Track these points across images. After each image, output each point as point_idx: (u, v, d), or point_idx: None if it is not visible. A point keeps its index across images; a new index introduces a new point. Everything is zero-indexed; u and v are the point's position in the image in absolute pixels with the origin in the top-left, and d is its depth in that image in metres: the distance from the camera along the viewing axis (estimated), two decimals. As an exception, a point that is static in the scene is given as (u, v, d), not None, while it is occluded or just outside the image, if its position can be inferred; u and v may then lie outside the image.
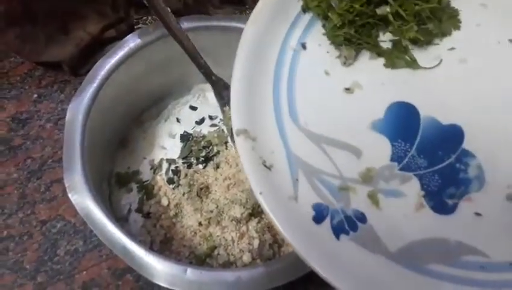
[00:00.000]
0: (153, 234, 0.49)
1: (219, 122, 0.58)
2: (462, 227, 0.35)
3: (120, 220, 0.50)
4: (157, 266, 0.40)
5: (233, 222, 0.48)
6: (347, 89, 0.40)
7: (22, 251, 0.54)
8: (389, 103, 0.39)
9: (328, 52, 0.42)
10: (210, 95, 0.61)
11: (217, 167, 0.53)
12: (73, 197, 0.43)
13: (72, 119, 0.47)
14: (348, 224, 0.35)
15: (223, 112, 0.51)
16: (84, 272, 0.52)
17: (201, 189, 0.50)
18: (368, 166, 0.37)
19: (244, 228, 0.48)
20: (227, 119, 0.52)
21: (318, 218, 0.34)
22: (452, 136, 0.38)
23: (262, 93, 0.39)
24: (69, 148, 0.45)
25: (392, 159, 0.37)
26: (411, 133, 0.38)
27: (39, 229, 0.55)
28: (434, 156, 0.37)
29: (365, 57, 0.42)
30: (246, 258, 0.47)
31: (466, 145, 0.37)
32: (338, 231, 0.34)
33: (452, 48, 0.41)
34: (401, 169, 0.37)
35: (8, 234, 0.55)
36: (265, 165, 0.36)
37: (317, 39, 0.42)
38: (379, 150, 0.38)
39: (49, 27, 0.59)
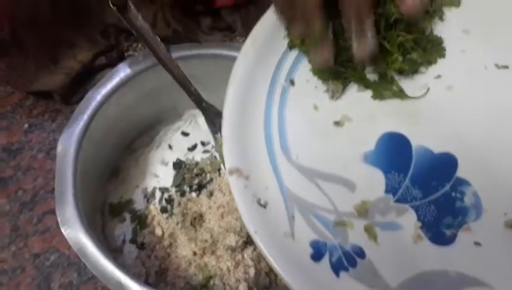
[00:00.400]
0: (147, 265, 0.48)
1: (211, 149, 0.58)
2: (462, 258, 0.34)
3: (114, 252, 0.50)
4: (152, 301, 0.39)
5: (228, 250, 0.48)
6: (336, 123, 0.40)
7: (14, 285, 0.53)
8: (379, 134, 0.39)
9: (316, 86, 0.41)
10: (202, 120, 0.61)
11: (211, 194, 0.52)
12: (66, 231, 0.43)
13: (63, 151, 0.46)
14: (347, 260, 0.34)
15: (215, 138, 0.51)
16: (79, 305, 0.52)
17: (195, 218, 0.50)
18: (362, 199, 0.37)
19: (239, 257, 0.48)
20: (219, 146, 0.52)
21: (316, 255, 0.34)
22: (445, 164, 0.37)
23: (253, 129, 0.39)
24: (61, 181, 0.45)
25: (386, 191, 0.37)
26: (404, 164, 0.38)
27: (32, 263, 0.54)
28: (428, 186, 0.37)
29: (353, 89, 0.41)
30: (243, 288, 0.46)
31: (460, 173, 0.37)
32: (337, 268, 0.34)
33: (439, 76, 0.41)
34: (396, 201, 0.37)
35: (1, 269, 0.54)
36: (259, 204, 0.35)
37: (305, 75, 0.42)
38: (373, 183, 0.37)
39: (39, 56, 0.59)
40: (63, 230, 0.43)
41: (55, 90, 0.63)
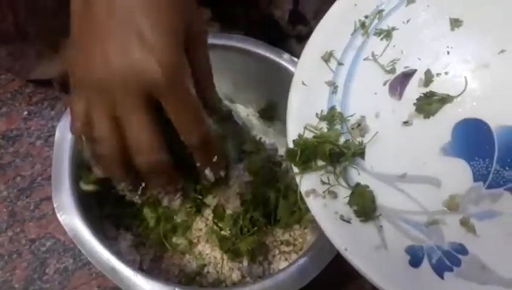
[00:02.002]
0: (142, 253, 0.49)
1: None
2: None
3: (109, 239, 0.50)
4: (145, 287, 0.40)
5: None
6: (405, 122, 0.38)
7: (10, 269, 0.54)
8: (453, 123, 0.37)
9: (375, 93, 0.40)
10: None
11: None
12: (62, 217, 0.43)
13: (61, 138, 0.47)
14: (449, 259, 0.32)
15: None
16: (74, 291, 0.52)
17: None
18: (451, 193, 0.35)
19: (233, 246, 0.48)
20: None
21: (415, 261, 0.32)
22: None
23: None
24: (58, 168, 0.45)
25: (475, 180, 0.35)
26: (487, 148, 0.35)
27: (28, 248, 0.55)
28: None
29: (414, 85, 0.40)
30: (236, 276, 0.47)
31: None
32: (440, 269, 0.32)
33: (502, 51, 0.38)
34: (488, 187, 0.34)
35: (-3, 253, 0.55)
36: (343, 220, 0.34)
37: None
38: (458, 174, 0.35)
39: (40, 45, 0.59)
40: (58, 216, 0.43)
41: (55, 78, 0.64)
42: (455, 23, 0.40)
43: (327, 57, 0.41)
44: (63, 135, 0.47)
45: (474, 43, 0.39)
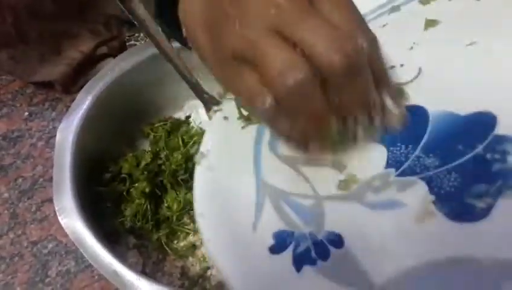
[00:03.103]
0: (145, 256, 0.49)
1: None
2: (500, 237, 0.25)
3: (112, 241, 0.50)
4: (148, 291, 0.39)
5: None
6: None
7: (12, 272, 0.53)
8: None
9: None
10: (203, 111, 0.60)
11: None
12: (63, 220, 0.43)
13: (62, 140, 0.47)
14: (317, 251, 0.28)
15: (215, 130, 0.51)
16: (76, 294, 0.52)
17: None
18: (351, 178, 0.31)
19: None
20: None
21: (278, 247, 0.29)
22: (477, 124, 0.30)
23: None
24: (59, 170, 0.45)
25: (387, 166, 0.31)
26: (416, 134, 0.31)
27: (30, 250, 0.55)
28: (449, 151, 0.30)
29: None
30: (239, 279, 0.46)
31: (500, 130, 0.29)
32: (300, 261, 0.28)
33: (472, 43, 0.35)
34: (400, 175, 0.30)
35: (-1, 256, 0.54)
36: (220, 187, 0.33)
37: None
38: (370, 160, 0.32)
39: (41, 48, 0.59)
40: (60, 219, 0.43)
41: (56, 80, 0.63)
42: (431, 23, 0.38)
43: None
44: (64, 137, 0.47)
45: (443, 38, 0.36)
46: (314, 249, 0.28)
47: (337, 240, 0.29)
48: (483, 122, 0.30)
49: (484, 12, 0.37)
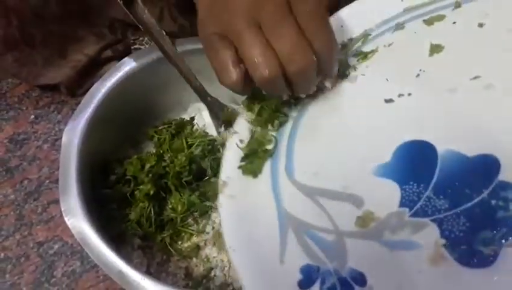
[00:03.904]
0: (149, 256, 0.49)
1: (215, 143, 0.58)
2: (505, 284, 0.26)
3: (117, 242, 0.50)
4: (153, 290, 0.40)
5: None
6: (344, 136, 0.37)
7: (19, 273, 0.54)
8: (397, 144, 0.34)
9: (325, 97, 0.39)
10: (206, 114, 0.61)
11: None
12: (69, 221, 0.43)
13: (68, 142, 0.47)
14: (342, 288, 0.29)
15: (218, 132, 0.52)
16: (81, 294, 0.52)
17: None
18: (368, 214, 0.32)
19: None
20: (222, 140, 0.52)
21: (305, 283, 0.30)
22: (482, 168, 0.31)
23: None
24: (65, 172, 0.46)
25: (401, 205, 0.31)
26: (426, 172, 0.32)
27: (36, 251, 0.55)
28: (458, 194, 0.30)
29: (365, 97, 0.38)
30: (243, 279, 0.47)
31: (504, 175, 0.30)
32: None
33: (476, 77, 0.35)
34: (413, 215, 0.31)
35: (5, 256, 0.55)
36: (246, 219, 0.33)
37: None
38: (385, 197, 0.32)
39: (47, 51, 0.60)
40: (66, 220, 0.44)
41: (62, 83, 0.64)
42: (435, 48, 0.39)
43: None
44: (70, 139, 0.47)
45: (448, 68, 0.37)
46: (340, 287, 0.29)
47: (360, 279, 0.29)
48: (488, 165, 0.31)
49: (487, 40, 0.37)
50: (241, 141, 0.39)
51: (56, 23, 0.57)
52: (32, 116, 0.65)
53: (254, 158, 0.37)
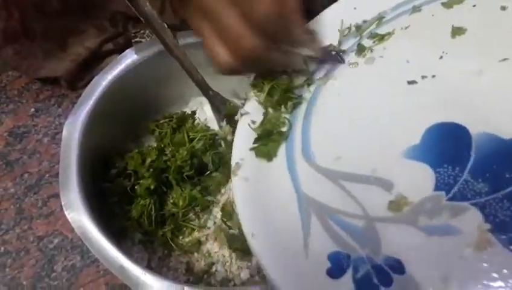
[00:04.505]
0: (150, 251, 0.49)
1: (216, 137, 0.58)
2: None
3: (118, 235, 0.50)
4: (154, 285, 0.39)
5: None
6: (370, 119, 0.35)
7: (18, 267, 0.54)
8: (425, 126, 0.33)
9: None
10: (208, 107, 0.60)
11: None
12: (70, 215, 0.43)
13: (68, 136, 0.47)
14: (378, 277, 0.27)
15: (220, 127, 0.51)
16: (82, 289, 0.52)
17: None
18: (401, 197, 0.30)
19: (242, 244, 0.48)
20: (224, 134, 0.52)
21: (335, 271, 0.28)
22: None
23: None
24: (66, 166, 0.45)
25: (436, 189, 0.30)
26: (460, 155, 0.30)
27: (36, 245, 0.55)
28: (498, 178, 0.29)
29: (389, 79, 0.37)
30: (244, 275, 0.46)
31: None
32: (362, 287, 0.27)
33: (505, 59, 0.34)
34: (451, 199, 0.29)
35: (5, 250, 0.55)
36: (265, 204, 0.31)
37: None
38: (417, 180, 0.30)
39: (47, 43, 0.60)
40: (66, 214, 0.43)
41: (62, 76, 0.64)
42: (458, 30, 0.38)
43: None
44: (70, 133, 0.47)
45: (473, 50, 0.36)
46: (376, 275, 0.28)
47: (398, 266, 0.28)
48: None
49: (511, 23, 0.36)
50: (253, 122, 0.38)
51: (57, 16, 0.57)
52: (33, 110, 0.65)
53: (268, 141, 0.37)
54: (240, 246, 0.46)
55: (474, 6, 0.38)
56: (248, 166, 0.35)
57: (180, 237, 0.50)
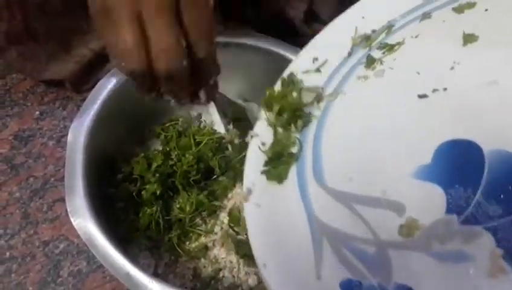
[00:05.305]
0: (157, 257, 0.48)
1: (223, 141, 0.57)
2: None
3: (124, 242, 0.50)
4: (161, 293, 0.39)
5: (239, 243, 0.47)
6: (380, 138, 0.34)
7: (24, 272, 0.53)
8: (437, 144, 0.32)
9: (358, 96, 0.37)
10: (214, 110, 0.60)
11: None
12: (75, 221, 0.43)
13: (73, 140, 0.46)
14: None
15: (226, 130, 0.51)
16: (88, 294, 0.52)
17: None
18: (412, 221, 0.29)
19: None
20: (230, 137, 0.51)
21: None
22: None
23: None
24: (71, 171, 0.45)
25: (448, 211, 0.29)
26: (473, 175, 0.29)
27: (42, 250, 0.54)
28: (511, 199, 0.28)
29: (402, 97, 0.35)
30: (252, 281, 0.46)
31: None
32: None
33: None
34: (463, 223, 0.28)
35: (11, 256, 0.54)
36: (276, 231, 0.30)
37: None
38: (428, 202, 0.30)
39: (51, 45, 0.59)
40: (72, 220, 0.43)
41: (67, 78, 0.63)
42: (469, 38, 0.36)
43: (321, 64, 0.39)
44: (76, 137, 0.46)
45: (486, 58, 0.35)
46: None
47: None
48: None
49: None
50: (263, 143, 0.37)
51: (60, 17, 0.57)
52: (37, 113, 0.65)
53: (278, 163, 0.35)
54: (248, 252, 0.45)
55: (486, 10, 0.37)
56: (259, 191, 0.34)
57: (187, 243, 0.49)
